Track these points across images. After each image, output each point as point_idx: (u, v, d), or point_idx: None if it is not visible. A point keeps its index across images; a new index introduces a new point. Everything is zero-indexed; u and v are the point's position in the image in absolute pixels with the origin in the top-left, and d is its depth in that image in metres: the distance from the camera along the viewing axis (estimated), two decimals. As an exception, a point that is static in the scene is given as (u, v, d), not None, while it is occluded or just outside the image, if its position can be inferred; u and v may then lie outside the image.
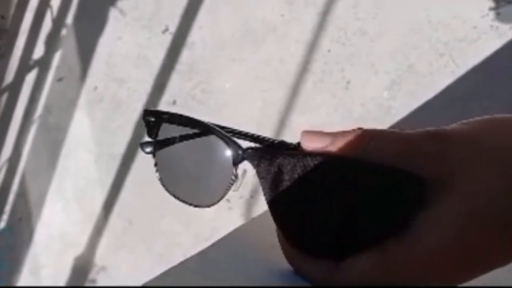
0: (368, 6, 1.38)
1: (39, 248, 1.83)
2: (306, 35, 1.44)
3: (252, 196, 1.48)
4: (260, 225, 0.39)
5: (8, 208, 1.91)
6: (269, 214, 0.29)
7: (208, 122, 0.30)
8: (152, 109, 0.31)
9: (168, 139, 0.31)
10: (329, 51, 1.42)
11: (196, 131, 0.30)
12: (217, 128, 0.29)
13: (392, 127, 1.31)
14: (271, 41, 1.50)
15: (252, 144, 0.29)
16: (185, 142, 0.30)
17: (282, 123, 1.46)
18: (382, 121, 1.33)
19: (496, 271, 0.25)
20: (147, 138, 0.31)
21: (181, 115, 0.30)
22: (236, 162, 0.29)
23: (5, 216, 1.91)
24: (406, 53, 1.33)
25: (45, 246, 1.82)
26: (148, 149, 0.31)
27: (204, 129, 0.30)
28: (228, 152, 0.29)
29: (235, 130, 0.29)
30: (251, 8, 1.53)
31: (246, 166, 0.29)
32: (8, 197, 1.90)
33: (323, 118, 1.40)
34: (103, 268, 1.72)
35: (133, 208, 1.68)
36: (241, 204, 1.50)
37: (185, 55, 1.62)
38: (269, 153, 0.27)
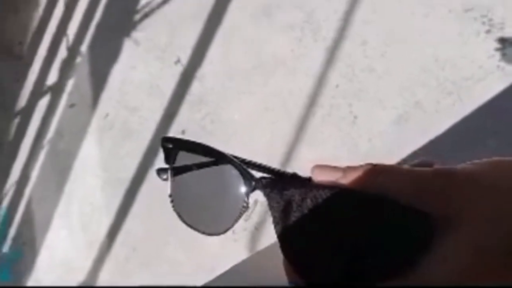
0: (376, 44, 1.40)
1: (41, 273, 1.82)
2: (315, 70, 1.46)
3: (257, 228, 1.47)
4: (265, 258, 0.39)
5: (12, 232, 1.90)
6: (274, 247, 0.29)
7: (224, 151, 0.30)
8: (171, 136, 0.32)
9: (184, 166, 0.32)
10: (337, 86, 1.44)
11: (211, 159, 0.31)
12: (233, 158, 0.30)
13: (399, 163, 1.30)
14: (280, 75, 1.52)
15: (265, 175, 0.29)
16: (200, 170, 0.31)
17: (289, 155, 1.46)
18: (388, 157, 1.33)
19: None
20: (162, 165, 0.32)
21: (198, 143, 0.31)
22: (248, 191, 0.29)
23: (9, 240, 1.91)
24: (414, 90, 1.34)
25: (47, 271, 1.81)
26: (164, 176, 0.32)
27: (219, 158, 0.30)
28: (241, 181, 0.29)
29: (249, 160, 0.30)
30: (262, 43, 1.56)
31: (257, 197, 0.30)
32: (14, 220, 1.90)
33: (330, 152, 1.41)
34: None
35: (137, 235, 1.68)
36: (246, 236, 1.49)
37: (195, 86, 1.65)
38: (281, 183, 0.28)
